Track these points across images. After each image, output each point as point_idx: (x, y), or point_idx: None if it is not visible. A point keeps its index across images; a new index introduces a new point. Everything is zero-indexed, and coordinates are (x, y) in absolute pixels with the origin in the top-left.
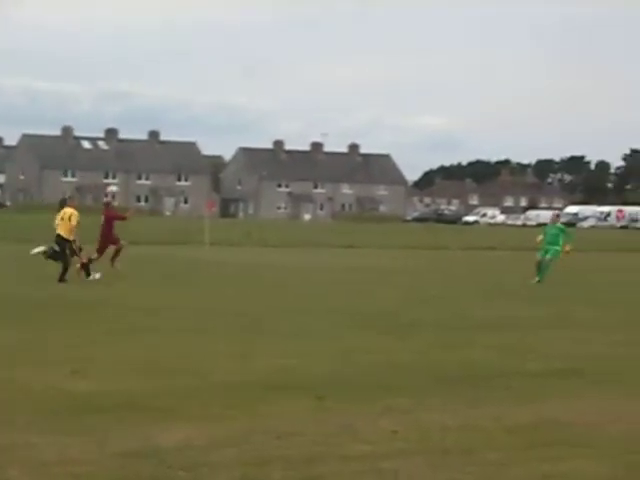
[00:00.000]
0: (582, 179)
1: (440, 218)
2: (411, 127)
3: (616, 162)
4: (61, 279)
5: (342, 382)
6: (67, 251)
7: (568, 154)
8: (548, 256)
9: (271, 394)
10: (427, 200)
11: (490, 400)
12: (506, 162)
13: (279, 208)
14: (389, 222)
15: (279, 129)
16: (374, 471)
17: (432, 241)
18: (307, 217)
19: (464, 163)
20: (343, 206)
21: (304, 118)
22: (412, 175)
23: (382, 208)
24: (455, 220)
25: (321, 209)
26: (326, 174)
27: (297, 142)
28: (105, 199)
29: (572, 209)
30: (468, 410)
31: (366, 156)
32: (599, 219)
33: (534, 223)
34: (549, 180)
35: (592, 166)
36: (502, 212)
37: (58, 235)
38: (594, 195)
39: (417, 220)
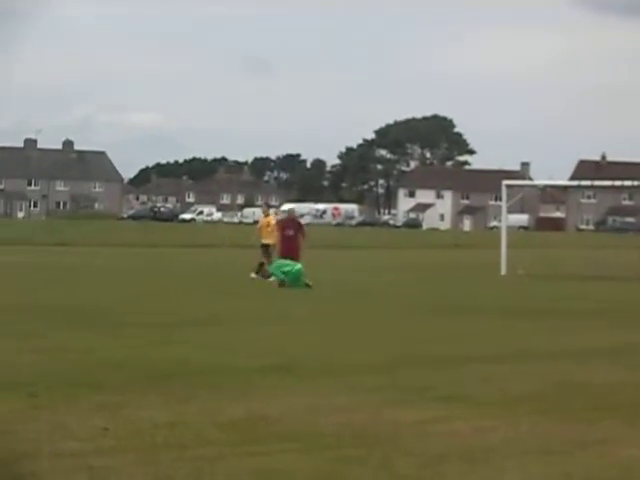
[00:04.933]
0: (298, 177)
1: (156, 216)
2: (126, 124)
3: (332, 160)
4: None
5: (54, 379)
6: None
7: (284, 152)
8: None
9: None
10: (143, 198)
11: (201, 396)
12: (223, 160)
13: None
14: (105, 220)
15: None
16: (85, 468)
17: (148, 239)
18: (21, 215)
19: (180, 161)
20: (58, 204)
21: (16, 115)
22: (128, 172)
23: (97, 205)
24: (171, 218)
25: (35, 206)
26: (40, 171)
27: (10, 139)
28: None
29: (288, 207)
30: (179, 406)
31: (81, 153)
32: (315, 216)
33: (250, 221)
34: (265, 178)
35: (308, 164)
36: (219, 210)
37: None
38: (310, 193)
39: (133, 218)
